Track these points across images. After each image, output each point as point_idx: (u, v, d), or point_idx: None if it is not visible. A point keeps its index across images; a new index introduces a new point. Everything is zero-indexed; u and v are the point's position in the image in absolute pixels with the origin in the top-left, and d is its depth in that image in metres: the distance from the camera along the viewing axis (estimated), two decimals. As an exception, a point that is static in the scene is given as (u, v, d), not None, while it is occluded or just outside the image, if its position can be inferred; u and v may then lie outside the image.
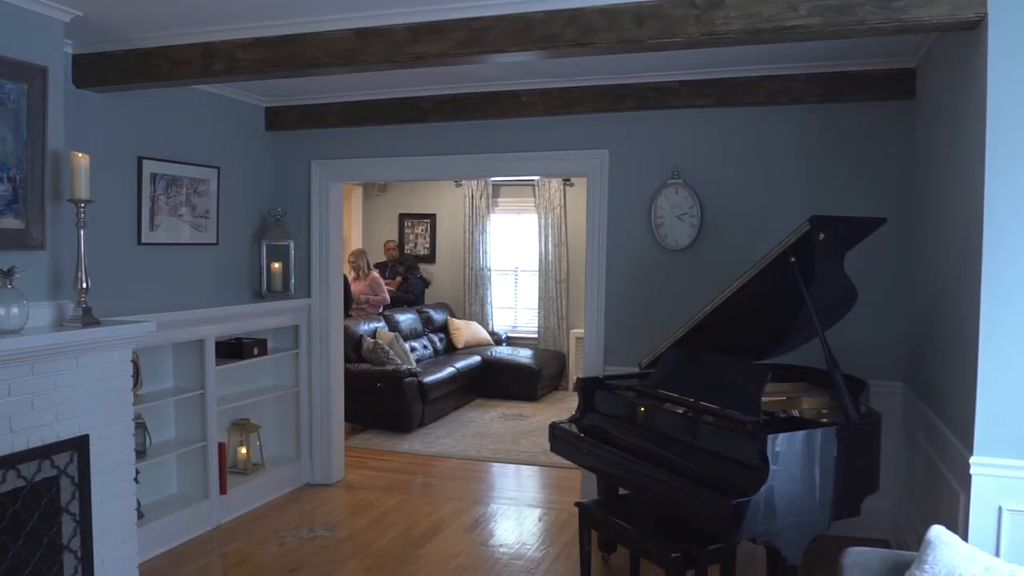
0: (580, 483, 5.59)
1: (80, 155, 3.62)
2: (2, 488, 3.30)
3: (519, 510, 5.74)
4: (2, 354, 3.23)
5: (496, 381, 9.44)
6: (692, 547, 3.54)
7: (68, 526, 3.63)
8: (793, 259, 3.61)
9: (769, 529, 3.25)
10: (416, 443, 7.50)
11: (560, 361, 10.19)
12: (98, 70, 4.27)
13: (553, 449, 4.46)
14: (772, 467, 3.21)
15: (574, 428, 4.37)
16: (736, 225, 5.08)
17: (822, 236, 3.55)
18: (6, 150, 3.43)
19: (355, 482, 6.33)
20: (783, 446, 3.26)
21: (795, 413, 3.87)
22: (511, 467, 6.86)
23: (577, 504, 4.28)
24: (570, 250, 10.40)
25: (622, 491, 4.35)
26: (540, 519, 5.54)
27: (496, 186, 10.77)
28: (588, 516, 4.15)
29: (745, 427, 3.40)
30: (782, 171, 5.02)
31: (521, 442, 7.54)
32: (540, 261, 10.52)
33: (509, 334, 10.78)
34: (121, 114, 4.68)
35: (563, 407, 8.86)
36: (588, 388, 4.43)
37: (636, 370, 4.59)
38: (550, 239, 10.44)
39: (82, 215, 3.66)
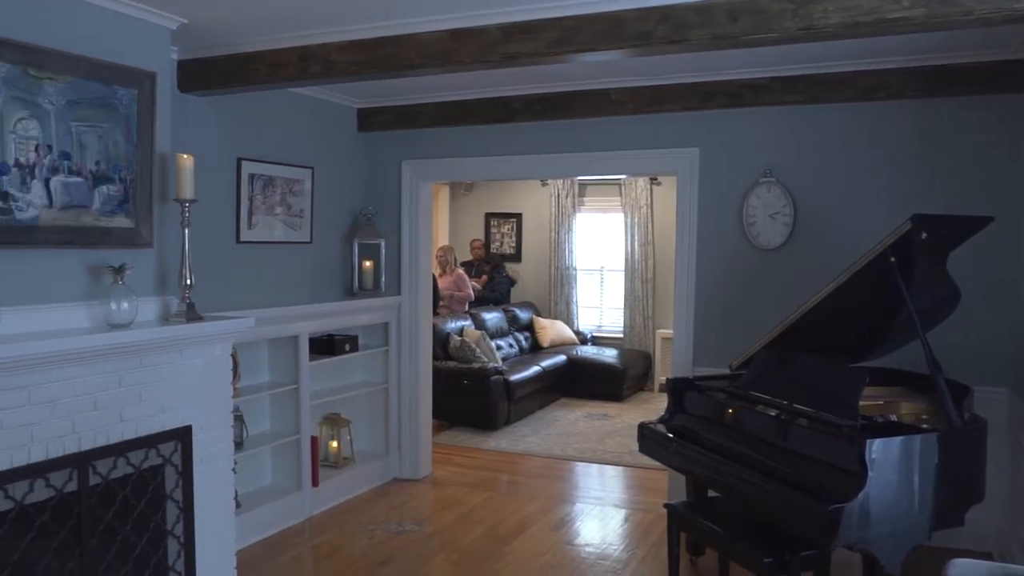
0: (667, 484, 5.54)
1: (185, 156, 3.76)
2: (113, 474, 3.45)
3: (605, 510, 5.72)
4: (114, 347, 3.38)
5: (581, 380, 9.43)
6: (785, 552, 3.47)
7: (172, 512, 3.77)
8: (893, 259, 3.51)
9: (865, 537, 3.17)
10: (502, 441, 7.54)
11: (646, 361, 10.11)
12: (201, 75, 4.43)
13: (642, 449, 4.43)
14: (870, 473, 3.12)
15: (663, 428, 4.34)
16: (831, 224, 4.95)
17: (924, 235, 3.44)
18: (118, 153, 3.59)
19: (442, 478, 6.41)
20: (881, 452, 3.17)
21: (893, 418, 3.75)
22: (596, 467, 6.84)
23: (666, 505, 4.25)
24: (656, 249, 10.30)
25: (711, 494, 4.30)
26: (626, 520, 5.51)
27: (582, 185, 10.75)
28: (677, 517, 4.12)
29: (842, 431, 3.32)
30: (880, 168, 4.87)
31: (607, 442, 7.51)
32: (626, 260, 10.45)
33: (594, 333, 10.74)
34: (221, 117, 4.84)
35: (649, 408, 8.79)
36: (678, 388, 4.39)
37: (726, 371, 4.52)
38: (636, 238, 10.36)
39: (186, 214, 3.79)
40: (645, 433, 4.39)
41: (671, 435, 4.23)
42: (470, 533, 5.21)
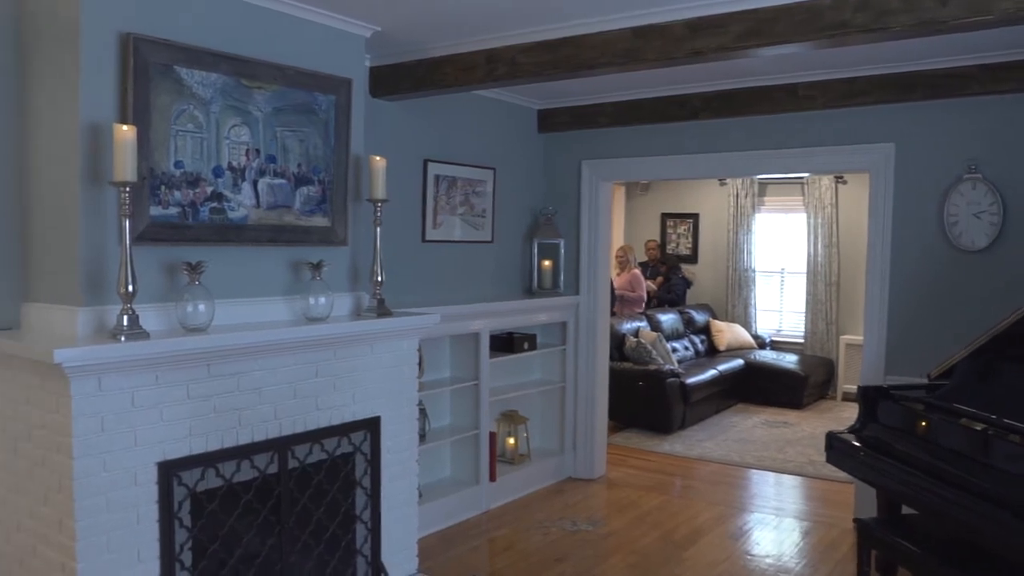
0: (853, 498, 5.27)
1: (378, 158, 3.93)
2: (309, 459, 3.65)
3: (785, 521, 5.50)
4: (312, 339, 3.59)
5: (759, 386, 9.12)
6: (993, 578, 3.22)
7: (361, 499, 3.94)
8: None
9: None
10: (677, 444, 7.42)
11: (828, 368, 9.66)
12: (392, 80, 4.61)
13: (829, 460, 4.23)
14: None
15: (853, 439, 4.12)
16: (1046, 224, 4.56)
17: None
18: (317, 155, 3.80)
19: (616, 479, 6.37)
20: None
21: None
22: (774, 476, 6.60)
23: (856, 520, 4.04)
24: (842, 251, 9.82)
25: (905, 510, 4.05)
26: (808, 533, 5.28)
27: (762, 184, 10.40)
28: (868, 534, 3.90)
29: (1063, 449, 3.04)
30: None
31: (787, 451, 7.23)
32: (808, 262, 10.02)
33: (773, 338, 10.37)
34: (408, 120, 5.02)
35: (831, 417, 8.41)
36: (870, 397, 4.15)
37: (923, 381, 4.24)
38: (820, 239, 9.92)
39: (378, 214, 3.96)
40: (833, 443, 4.19)
41: (863, 446, 4.01)
42: (646, 536, 5.16)
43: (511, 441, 6.00)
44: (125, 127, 2.96)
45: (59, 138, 3.10)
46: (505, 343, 5.77)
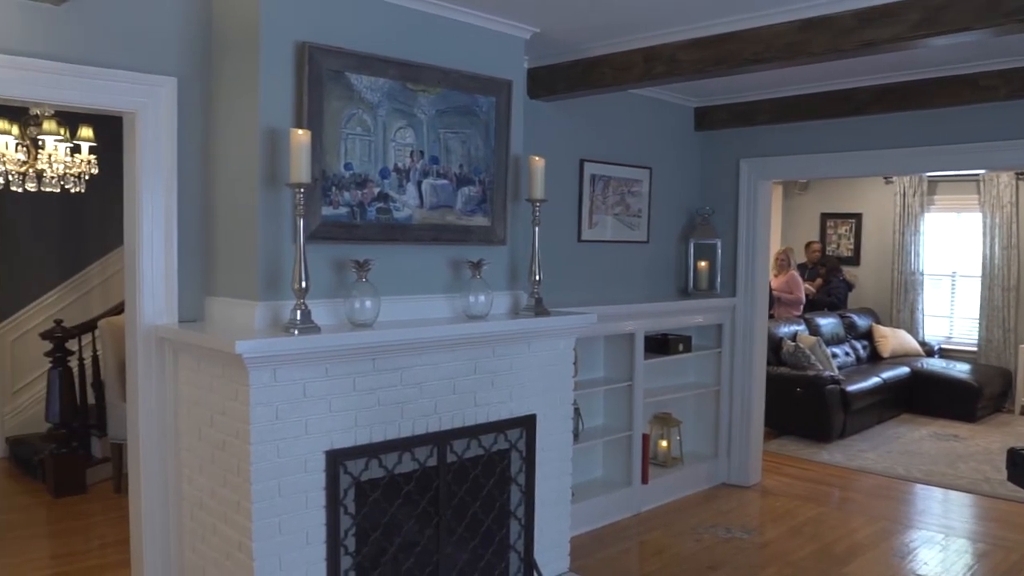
0: (1036, 520, 4.91)
1: (537, 159, 3.96)
2: (466, 454, 3.73)
3: (955, 542, 5.17)
4: (472, 336, 3.66)
5: (926, 396, 8.63)
6: None
7: (515, 495, 3.98)
8: None
9: None
10: (836, 454, 7.12)
11: (1005, 379, 9.02)
12: (549, 81, 4.65)
13: (1011, 478, 3.98)
14: None
15: (1039, 456, 3.85)
16: None
17: None
18: (478, 156, 3.87)
19: (771, 487, 6.18)
20: None
21: None
22: (943, 492, 6.21)
23: (1041, 543, 3.76)
24: (1022, 253, 9.15)
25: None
26: (983, 555, 4.94)
27: (932, 182, 9.83)
28: (1056, 558, 3.62)
29: None
30: None
31: (958, 466, 6.79)
32: (984, 265, 9.39)
33: (942, 345, 9.79)
34: (565, 120, 5.04)
35: (1009, 432, 7.87)
36: (1059, 411, 3.86)
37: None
38: (997, 241, 9.28)
39: (537, 213, 4.00)
40: (1017, 460, 3.93)
41: (1050, 463, 3.73)
42: (802, 548, 4.97)
43: (664, 444, 5.93)
44: (300, 131, 3.11)
45: (240, 141, 3.30)
46: (660, 344, 5.70)
